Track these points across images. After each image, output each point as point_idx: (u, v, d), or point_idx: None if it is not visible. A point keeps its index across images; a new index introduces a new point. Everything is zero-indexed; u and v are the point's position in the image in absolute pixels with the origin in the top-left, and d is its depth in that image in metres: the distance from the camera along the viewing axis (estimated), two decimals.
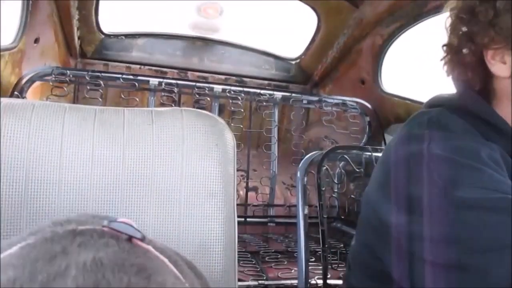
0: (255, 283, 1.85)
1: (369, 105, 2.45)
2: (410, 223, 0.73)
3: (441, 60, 0.85)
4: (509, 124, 0.79)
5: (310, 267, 1.23)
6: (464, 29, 0.81)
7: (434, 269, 0.71)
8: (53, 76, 2.01)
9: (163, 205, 0.79)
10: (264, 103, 2.42)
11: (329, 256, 1.22)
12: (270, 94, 2.40)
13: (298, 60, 2.78)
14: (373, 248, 0.84)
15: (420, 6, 1.90)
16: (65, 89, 2.06)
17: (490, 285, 0.66)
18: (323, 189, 1.26)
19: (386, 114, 2.37)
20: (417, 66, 2.25)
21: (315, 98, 2.51)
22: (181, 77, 2.64)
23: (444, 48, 0.85)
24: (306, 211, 1.20)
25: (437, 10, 1.78)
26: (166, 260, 0.45)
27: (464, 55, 0.82)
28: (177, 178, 0.80)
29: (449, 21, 0.84)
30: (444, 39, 0.86)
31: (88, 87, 2.08)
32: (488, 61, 0.79)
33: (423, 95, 0.94)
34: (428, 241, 0.71)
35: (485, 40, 0.78)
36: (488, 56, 0.79)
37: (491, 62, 0.79)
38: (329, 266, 1.27)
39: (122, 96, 2.33)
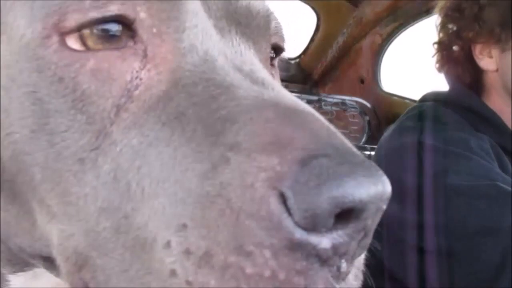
0: None
1: (368, 104, 2.45)
2: (401, 212, 0.75)
3: (432, 57, 0.87)
4: (499, 116, 0.80)
5: None
6: (452, 26, 0.84)
7: (425, 256, 0.72)
8: None
9: None
10: None
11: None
12: None
13: (297, 60, 2.78)
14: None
15: (419, 5, 1.89)
16: None
17: (478, 269, 0.67)
18: None
19: (385, 113, 2.37)
20: (417, 65, 2.25)
21: (314, 98, 2.51)
22: None
23: (435, 45, 0.87)
24: None
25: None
26: None
27: (454, 51, 0.84)
28: None
29: (438, 19, 0.86)
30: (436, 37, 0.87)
31: None
32: (476, 56, 0.81)
33: (423, 94, 0.94)
34: (419, 228, 0.72)
35: (471, 35, 0.80)
36: (476, 51, 0.81)
37: (479, 57, 0.81)
38: None
39: None
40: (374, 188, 0.29)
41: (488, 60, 0.81)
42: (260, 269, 0.27)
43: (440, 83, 0.93)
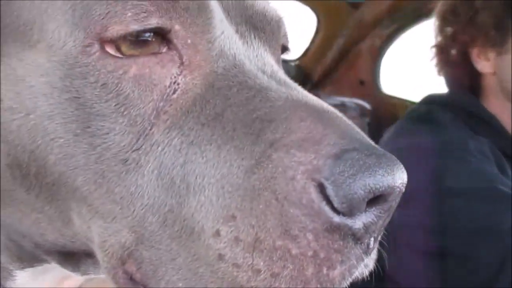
0: None
1: (368, 106, 2.45)
2: (400, 215, 0.75)
3: (431, 60, 0.88)
4: (497, 119, 0.80)
5: None
6: (449, 29, 0.84)
7: (422, 257, 0.72)
8: None
9: None
10: None
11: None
12: None
13: (297, 61, 2.78)
14: None
15: (419, 7, 1.90)
16: None
17: (477, 271, 0.68)
18: None
19: (385, 115, 2.37)
20: (416, 67, 2.25)
21: None
22: None
23: (432, 49, 0.87)
24: None
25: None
26: None
27: (451, 54, 0.84)
28: None
29: (435, 23, 0.86)
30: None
31: None
32: (474, 59, 0.82)
33: (423, 96, 0.95)
34: (419, 231, 0.73)
35: (468, 38, 0.80)
36: (474, 54, 0.82)
37: (476, 60, 0.81)
38: None
39: None
40: (398, 175, 0.34)
41: (485, 63, 0.81)
42: (304, 250, 0.32)
43: (440, 85, 0.93)
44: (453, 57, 0.85)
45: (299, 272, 0.32)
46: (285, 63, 2.68)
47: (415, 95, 2.11)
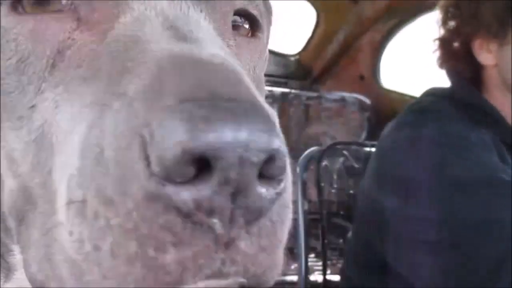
0: None
1: (368, 101, 2.45)
2: (402, 206, 0.75)
3: (433, 53, 0.88)
4: (499, 111, 0.81)
5: (309, 263, 1.24)
6: (452, 22, 0.84)
7: (424, 249, 0.72)
8: None
9: None
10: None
11: (328, 252, 1.22)
12: (269, 90, 2.40)
13: (297, 56, 2.78)
14: (368, 237, 0.85)
15: (419, 2, 1.90)
16: None
17: (480, 260, 0.68)
18: (323, 185, 1.26)
19: (385, 109, 2.37)
20: (417, 61, 2.25)
21: (314, 94, 2.51)
22: None
23: (435, 42, 0.88)
24: (305, 207, 1.21)
25: (435, 6, 1.78)
26: None
27: (454, 47, 0.85)
28: None
29: (439, 16, 0.87)
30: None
31: None
32: (476, 51, 0.82)
33: (424, 90, 0.95)
34: (420, 222, 0.73)
35: (470, 31, 0.81)
36: (476, 46, 0.82)
37: (478, 52, 0.82)
38: (329, 262, 1.27)
39: None
40: (231, 134, 0.26)
41: (486, 55, 0.81)
42: (123, 220, 0.27)
43: (440, 80, 0.93)
44: (455, 50, 0.85)
45: (120, 247, 0.27)
46: (285, 57, 2.69)
47: (415, 90, 2.11)
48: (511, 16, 0.77)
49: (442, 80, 0.91)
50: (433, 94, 0.88)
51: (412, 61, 2.35)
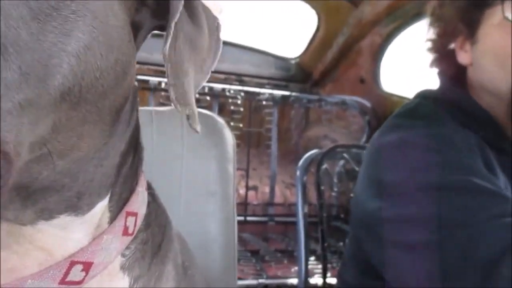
0: (255, 281, 1.85)
1: (368, 104, 2.45)
2: (382, 209, 0.76)
3: (426, 51, 0.89)
4: (486, 110, 0.81)
5: (309, 266, 1.24)
6: (437, 22, 0.85)
7: (407, 252, 0.73)
8: None
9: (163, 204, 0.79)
10: (264, 102, 2.42)
11: (328, 255, 1.22)
12: (269, 93, 2.40)
13: (297, 59, 2.78)
14: (360, 240, 0.86)
15: (419, 5, 1.90)
16: None
17: (450, 262, 0.68)
18: (323, 188, 1.26)
19: (385, 112, 2.37)
20: (416, 64, 2.25)
21: (314, 97, 2.52)
22: None
23: (427, 42, 0.89)
24: (305, 210, 1.21)
25: None
26: None
27: (439, 47, 0.86)
28: (177, 177, 0.81)
29: (427, 16, 0.89)
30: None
31: None
32: (456, 51, 0.82)
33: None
34: (401, 224, 0.73)
35: (451, 30, 0.82)
36: (457, 46, 0.82)
37: (458, 51, 0.82)
38: (329, 265, 1.27)
39: None
40: None
41: (463, 54, 0.82)
42: None
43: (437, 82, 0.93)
44: (441, 49, 0.87)
45: None
46: (285, 61, 2.70)
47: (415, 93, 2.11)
48: (477, 15, 0.78)
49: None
50: (422, 96, 0.89)
51: (412, 64, 2.35)
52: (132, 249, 0.44)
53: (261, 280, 1.86)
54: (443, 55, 0.86)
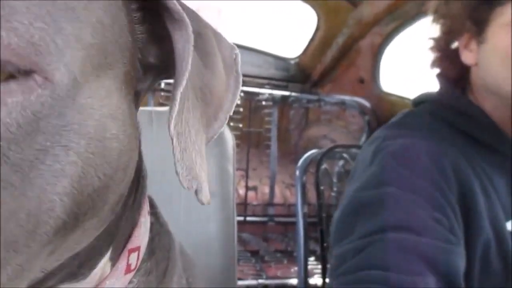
0: (255, 282, 1.86)
1: (368, 104, 2.45)
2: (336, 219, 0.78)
3: (428, 50, 0.88)
4: (485, 113, 0.80)
5: (309, 266, 1.24)
6: (442, 20, 0.84)
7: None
8: None
9: (162, 205, 0.79)
10: (264, 103, 2.42)
11: (328, 255, 1.22)
12: (269, 94, 2.40)
13: (297, 60, 2.78)
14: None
15: (419, 5, 1.90)
16: None
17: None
18: (322, 188, 1.26)
19: (385, 113, 2.37)
20: (416, 65, 2.26)
21: (314, 97, 2.52)
22: None
23: (429, 40, 0.88)
24: (305, 210, 1.21)
25: None
26: None
27: (443, 45, 0.84)
28: (175, 178, 0.80)
29: (430, 14, 0.87)
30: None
31: None
32: (460, 50, 0.81)
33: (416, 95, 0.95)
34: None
35: (457, 28, 0.80)
36: (461, 45, 0.81)
37: (462, 51, 0.81)
38: (329, 265, 1.27)
39: None
40: None
41: (468, 54, 0.80)
42: None
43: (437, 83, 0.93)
44: (443, 48, 0.85)
45: None
46: (285, 61, 2.70)
47: (415, 94, 2.11)
48: (486, 13, 0.76)
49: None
50: (423, 101, 0.89)
51: (411, 64, 2.35)
52: (135, 282, 0.41)
53: (260, 281, 1.86)
54: (446, 55, 0.84)
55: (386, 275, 0.63)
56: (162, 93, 2.21)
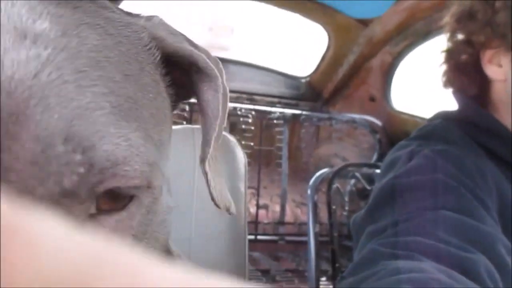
0: None
1: (379, 123, 2.45)
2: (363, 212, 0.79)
3: (440, 66, 0.85)
4: (508, 129, 0.78)
5: (321, 287, 1.22)
6: (462, 32, 0.81)
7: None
8: None
9: (173, 222, 0.79)
10: (275, 121, 2.42)
11: (340, 276, 1.21)
12: (280, 112, 2.41)
13: (308, 78, 2.79)
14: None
15: (429, 23, 1.91)
16: None
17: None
18: (334, 207, 1.25)
19: (396, 131, 2.36)
20: (427, 83, 2.25)
21: (325, 116, 2.52)
22: None
23: (442, 54, 0.85)
24: (316, 229, 1.20)
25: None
26: None
27: (461, 59, 0.81)
28: (188, 195, 0.81)
29: (447, 27, 0.84)
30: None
31: None
32: (485, 64, 0.78)
33: (432, 114, 0.94)
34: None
35: (482, 40, 0.77)
36: (485, 59, 0.78)
37: (487, 65, 0.78)
38: None
39: None
40: None
41: (496, 68, 0.77)
42: None
43: (451, 101, 0.92)
44: (462, 63, 0.82)
45: None
46: (296, 79, 2.71)
47: (426, 112, 2.11)
48: None
49: (452, 101, 0.90)
50: (441, 117, 0.87)
51: (423, 83, 2.35)
52: None
53: None
54: (463, 70, 0.82)
55: (437, 246, 0.59)
56: (174, 111, 2.22)
